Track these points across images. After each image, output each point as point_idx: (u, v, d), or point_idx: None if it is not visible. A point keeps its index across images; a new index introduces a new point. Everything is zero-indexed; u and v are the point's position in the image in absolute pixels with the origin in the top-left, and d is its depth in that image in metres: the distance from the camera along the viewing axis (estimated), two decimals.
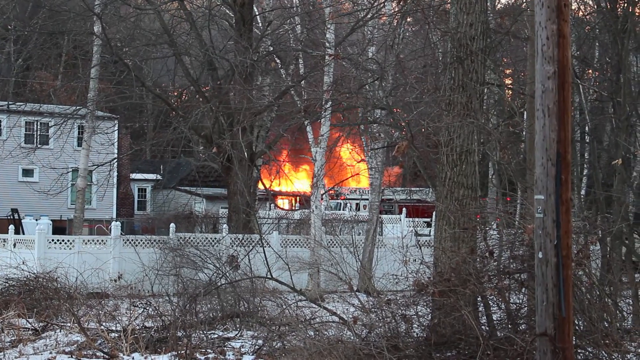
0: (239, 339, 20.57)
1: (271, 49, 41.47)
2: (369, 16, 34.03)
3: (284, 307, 21.17)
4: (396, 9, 28.51)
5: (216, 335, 20.69)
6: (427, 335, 16.10)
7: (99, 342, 19.68)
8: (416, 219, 57.12)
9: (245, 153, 36.73)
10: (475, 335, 14.67)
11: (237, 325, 21.83)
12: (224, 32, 44.50)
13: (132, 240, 35.14)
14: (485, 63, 19.82)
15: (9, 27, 51.64)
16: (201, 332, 20.33)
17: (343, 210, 67.02)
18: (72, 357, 18.76)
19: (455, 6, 19.28)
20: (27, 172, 55.16)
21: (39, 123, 52.42)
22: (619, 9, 25.42)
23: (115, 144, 50.59)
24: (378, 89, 29.47)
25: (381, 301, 17.21)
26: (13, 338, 20.45)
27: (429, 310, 16.58)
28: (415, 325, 16.49)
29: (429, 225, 53.32)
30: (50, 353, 19.09)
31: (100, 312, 22.84)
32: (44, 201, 44.25)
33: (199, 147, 51.84)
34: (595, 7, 29.68)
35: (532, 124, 16.41)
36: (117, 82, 43.54)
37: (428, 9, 24.46)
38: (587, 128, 32.46)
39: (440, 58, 28.28)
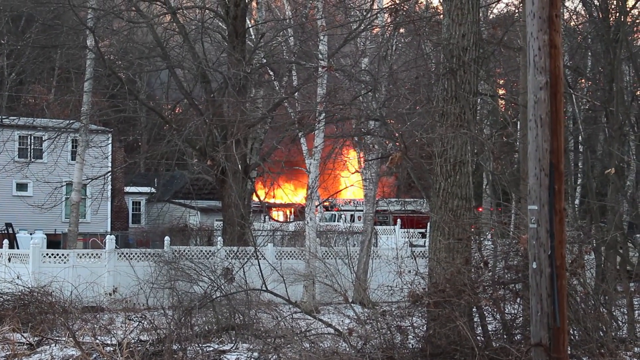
0: (235, 352, 20.53)
1: (264, 61, 41.52)
2: (361, 28, 34.13)
3: (279, 319, 21.15)
4: (389, 21, 28.57)
5: (212, 348, 20.65)
6: (423, 346, 16.10)
7: (94, 356, 19.64)
8: (411, 230, 57.11)
9: (240, 165, 36.73)
10: (471, 346, 14.68)
11: (233, 338, 21.80)
12: (217, 45, 44.58)
13: (127, 253, 35.09)
14: (478, 74, 19.87)
15: (2, 41, 51.58)
16: (196, 345, 20.29)
17: (337, 221, 67.00)
18: None
19: (448, 17, 19.33)
20: (21, 187, 55.06)
21: (32, 137, 52.37)
22: (611, 19, 25.48)
23: (109, 157, 50.55)
24: (371, 101, 29.52)
25: (376, 312, 17.22)
26: (8, 353, 20.40)
27: (424, 321, 16.58)
28: (410, 336, 16.49)
29: (423, 236, 53.35)
30: None
31: (95, 326, 22.78)
32: (38, 215, 44.18)
33: (193, 159, 51.84)
34: (588, 16, 29.76)
35: (525, 134, 16.45)
36: (111, 95, 43.55)
37: (420, 21, 24.53)
38: (580, 137, 32.50)
39: (433, 69, 28.38)
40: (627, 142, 27.58)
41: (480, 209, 39.43)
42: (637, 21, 30.31)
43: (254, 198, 45.81)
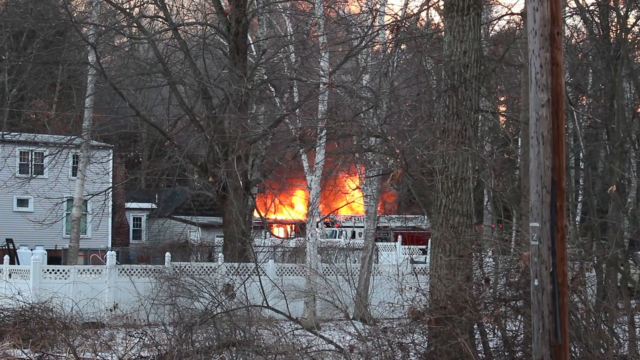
0: None
1: (265, 77, 41.57)
2: (362, 45, 34.17)
3: (280, 335, 21.10)
4: (390, 38, 28.63)
5: None
6: None
7: None
8: (412, 247, 57.06)
9: (241, 182, 36.73)
10: None
11: (234, 355, 21.75)
12: (218, 61, 44.62)
13: (128, 269, 35.05)
14: (479, 90, 19.90)
15: (3, 57, 51.66)
16: None
17: (338, 238, 66.93)
18: None
19: (449, 34, 19.36)
20: (22, 202, 55.04)
21: (33, 153, 52.41)
22: (612, 36, 25.52)
23: (110, 173, 50.55)
24: (373, 117, 29.54)
25: (377, 329, 17.20)
26: None
27: (425, 338, 16.56)
28: (411, 353, 16.47)
29: (424, 252, 53.28)
30: None
31: (96, 342, 22.75)
32: (39, 231, 44.10)
33: (194, 176, 51.85)
34: (589, 34, 29.80)
35: (526, 151, 16.49)
36: (112, 111, 43.54)
37: (421, 38, 24.57)
38: (581, 154, 32.50)
39: (434, 86, 28.42)
40: (628, 159, 27.59)
41: (479, 226, 39.43)
42: (638, 39, 30.36)
43: (255, 214, 45.79)
